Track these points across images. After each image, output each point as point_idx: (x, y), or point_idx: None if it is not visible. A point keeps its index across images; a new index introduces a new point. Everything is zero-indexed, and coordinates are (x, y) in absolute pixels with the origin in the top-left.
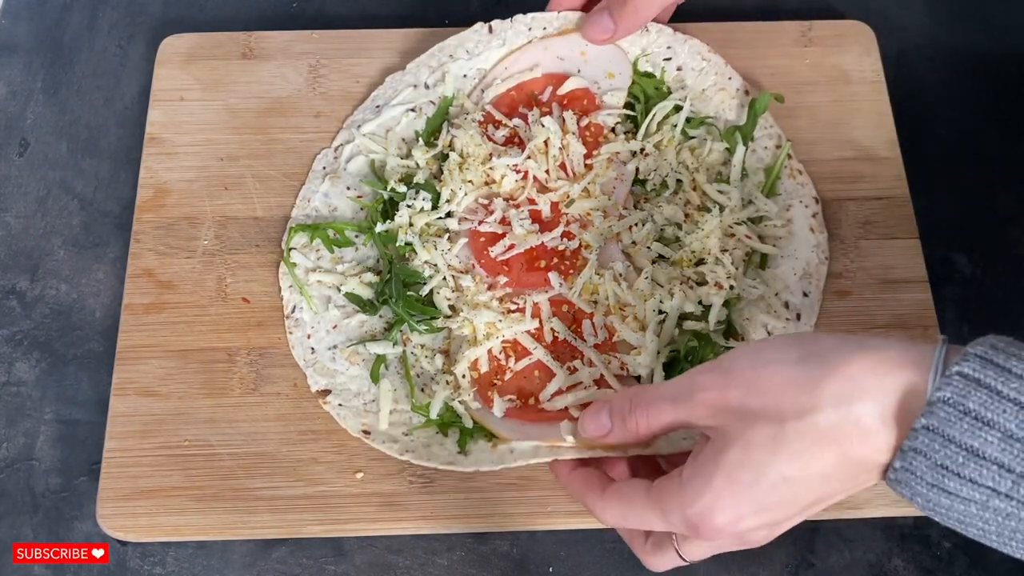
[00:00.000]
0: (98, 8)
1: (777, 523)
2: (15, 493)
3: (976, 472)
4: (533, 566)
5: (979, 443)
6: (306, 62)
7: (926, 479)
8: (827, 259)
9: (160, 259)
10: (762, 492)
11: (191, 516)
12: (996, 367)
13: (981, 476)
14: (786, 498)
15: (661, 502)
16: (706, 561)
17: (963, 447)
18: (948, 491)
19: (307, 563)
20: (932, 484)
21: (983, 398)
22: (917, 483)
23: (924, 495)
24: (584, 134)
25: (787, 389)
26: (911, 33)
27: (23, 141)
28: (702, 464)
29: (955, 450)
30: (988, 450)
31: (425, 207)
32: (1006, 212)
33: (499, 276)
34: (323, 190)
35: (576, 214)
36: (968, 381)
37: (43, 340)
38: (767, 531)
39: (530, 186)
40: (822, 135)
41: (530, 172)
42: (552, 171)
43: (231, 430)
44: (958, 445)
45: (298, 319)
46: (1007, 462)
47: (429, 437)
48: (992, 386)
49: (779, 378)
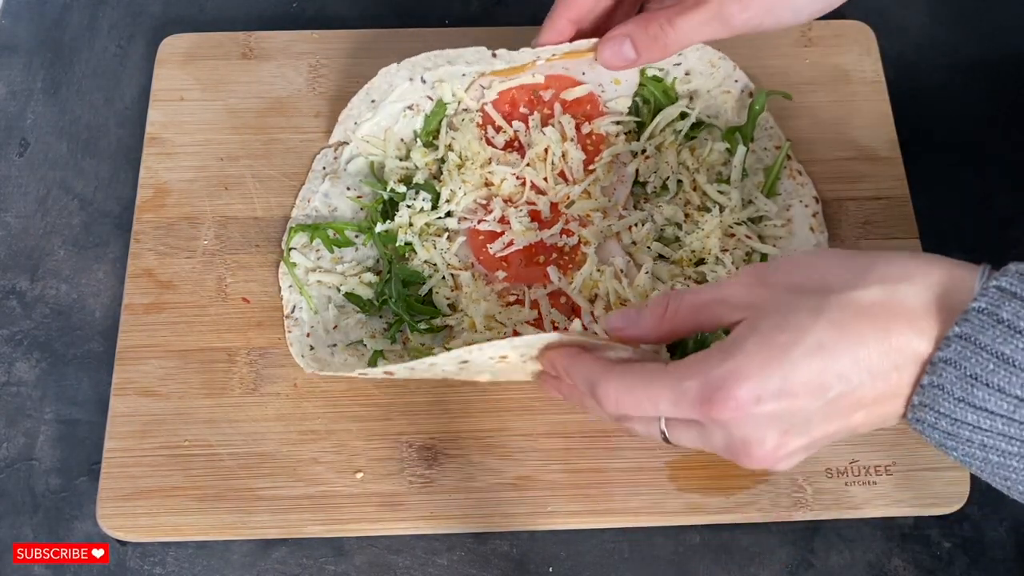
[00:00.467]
0: (98, 8)
1: (793, 427)
2: (15, 493)
3: (1006, 380)
4: (533, 566)
5: (1010, 350)
6: (306, 62)
7: (954, 393)
8: None
9: (160, 259)
10: (795, 361)
11: (191, 516)
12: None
13: (1010, 384)
14: (815, 379)
15: (679, 369)
16: (705, 561)
17: (994, 354)
18: (975, 405)
19: (307, 563)
20: (960, 399)
21: (1017, 308)
22: (945, 399)
23: (950, 413)
24: (585, 142)
25: (832, 269)
26: (911, 33)
27: (23, 141)
28: (734, 335)
29: (986, 357)
30: (1019, 357)
31: (425, 207)
32: (1006, 212)
33: (498, 272)
34: (323, 190)
35: (576, 214)
36: (1004, 293)
37: (43, 340)
38: (777, 437)
39: (528, 190)
40: (822, 135)
41: (528, 179)
42: (551, 178)
43: (231, 430)
44: (990, 352)
45: (298, 319)
46: None
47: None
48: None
49: (824, 261)
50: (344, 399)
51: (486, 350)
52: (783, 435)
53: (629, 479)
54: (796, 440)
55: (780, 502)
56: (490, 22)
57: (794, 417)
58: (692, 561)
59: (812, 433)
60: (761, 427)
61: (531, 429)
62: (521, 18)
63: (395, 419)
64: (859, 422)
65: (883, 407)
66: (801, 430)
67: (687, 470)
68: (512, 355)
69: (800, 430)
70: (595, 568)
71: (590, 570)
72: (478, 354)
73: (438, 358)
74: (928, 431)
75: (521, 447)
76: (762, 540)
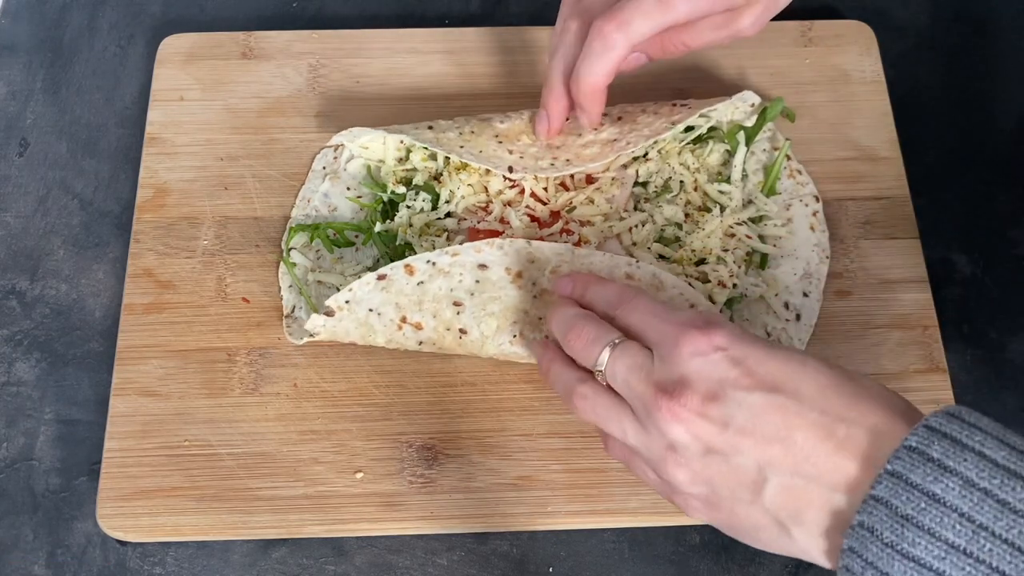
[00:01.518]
0: (98, 8)
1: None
2: (15, 493)
3: (937, 521)
4: (533, 566)
5: (940, 489)
6: (306, 62)
7: (884, 537)
8: (828, 258)
9: (160, 259)
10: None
11: (191, 516)
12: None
13: (941, 526)
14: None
15: None
16: (705, 561)
17: (926, 493)
18: (904, 553)
19: (307, 563)
20: (889, 544)
21: (946, 447)
22: (874, 543)
23: (876, 562)
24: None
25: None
26: (911, 33)
27: (23, 141)
28: None
29: (917, 496)
30: (949, 497)
31: (425, 207)
32: (1006, 212)
33: None
34: (323, 190)
35: (577, 217)
36: (934, 432)
37: (43, 340)
38: (701, 396)
39: (527, 198)
40: (822, 135)
41: (527, 188)
42: (551, 187)
43: (231, 430)
44: (921, 491)
45: (297, 318)
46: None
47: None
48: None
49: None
50: (344, 399)
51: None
52: (709, 398)
53: (629, 479)
54: (715, 412)
55: None
56: (490, 21)
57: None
58: (692, 561)
59: (728, 429)
60: (705, 372)
61: (531, 429)
62: (521, 18)
63: (395, 419)
64: (771, 493)
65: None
66: (725, 410)
67: None
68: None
69: (725, 409)
70: (595, 568)
71: (590, 570)
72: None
73: (430, 254)
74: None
75: (521, 447)
76: None
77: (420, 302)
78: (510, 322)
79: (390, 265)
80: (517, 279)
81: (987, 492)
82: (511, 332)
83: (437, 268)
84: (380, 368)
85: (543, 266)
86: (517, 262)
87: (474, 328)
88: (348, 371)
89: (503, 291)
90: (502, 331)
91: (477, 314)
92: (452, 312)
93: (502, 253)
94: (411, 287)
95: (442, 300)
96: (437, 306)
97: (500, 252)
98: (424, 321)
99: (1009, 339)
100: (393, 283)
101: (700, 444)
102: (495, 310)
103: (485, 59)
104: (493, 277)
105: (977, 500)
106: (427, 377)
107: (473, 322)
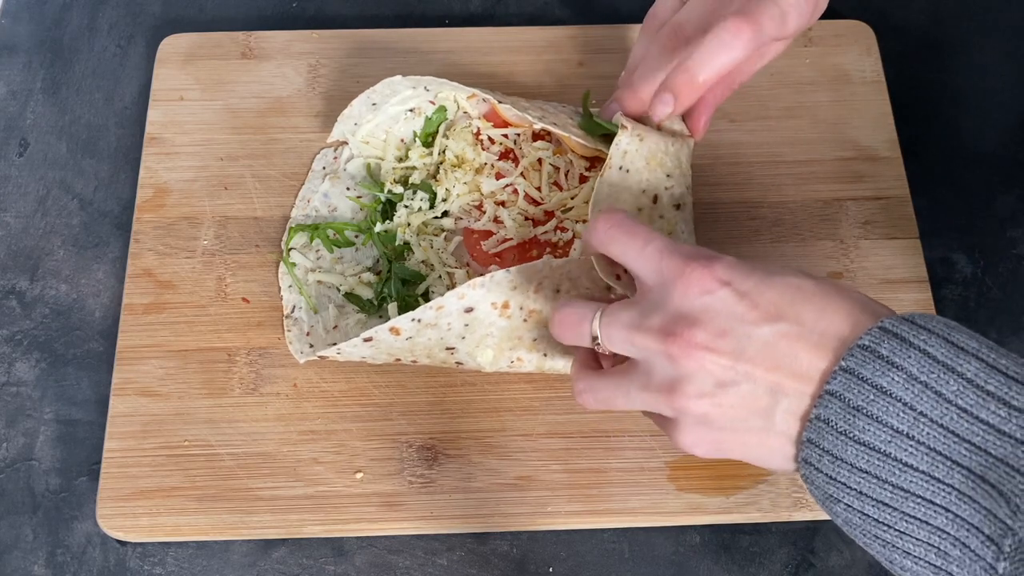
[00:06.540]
0: (98, 8)
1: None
2: (15, 493)
3: (883, 410)
4: (533, 566)
5: (887, 382)
6: (306, 62)
7: (838, 426)
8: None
9: (160, 259)
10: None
11: (191, 516)
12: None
13: (887, 413)
14: (779, 300)
15: None
16: (705, 561)
17: (874, 386)
18: (856, 439)
19: (307, 563)
20: (842, 432)
21: (894, 345)
22: (829, 433)
23: (832, 448)
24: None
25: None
26: (911, 33)
27: (23, 141)
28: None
29: (867, 389)
30: (895, 389)
31: (423, 206)
32: (1006, 212)
33: (491, 268)
34: (323, 190)
35: (572, 216)
36: (885, 333)
37: (43, 340)
38: (713, 331)
39: (521, 199)
40: (822, 135)
41: (520, 190)
42: (545, 187)
43: (231, 430)
44: (870, 384)
45: (297, 319)
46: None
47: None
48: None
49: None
50: (344, 399)
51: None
52: (719, 334)
53: (629, 479)
54: (725, 346)
55: (780, 502)
56: (490, 21)
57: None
58: (692, 561)
59: (741, 360)
60: (708, 309)
61: (531, 429)
62: (521, 18)
63: (395, 419)
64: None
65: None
66: (736, 343)
67: (687, 470)
68: (481, 301)
69: (735, 342)
70: (595, 568)
71: (590, 570)
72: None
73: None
74: (813, 475)
75: (521, 447)
76: (762, 540)
77: (412, 350)
78: (507, 349)
79: (374, 328)
80: (504, 310)
81: (926, 384)
82: (509, 359)
83: (424, 323)
84: (380, 368)
85: (526, 288)
86: (501, 294)
87: (470, 361)
88: (348, 371)
89: (493, 325)
90: (500, 358)
91: (471, 351)
92: (446, 354)
93: (485, 291)
94: (400, 343)
95: (434, 347)
96: (431, 350)
97: (483, 290)
98: (419, 360)
99: (1009, 339)
100: (381, 343)
101: (713, 378)
102: (490, 344)
103: (485, 59)
104: (481, 315)
105: (918, 391)
106: (427, 377)
107: (469, 358)
